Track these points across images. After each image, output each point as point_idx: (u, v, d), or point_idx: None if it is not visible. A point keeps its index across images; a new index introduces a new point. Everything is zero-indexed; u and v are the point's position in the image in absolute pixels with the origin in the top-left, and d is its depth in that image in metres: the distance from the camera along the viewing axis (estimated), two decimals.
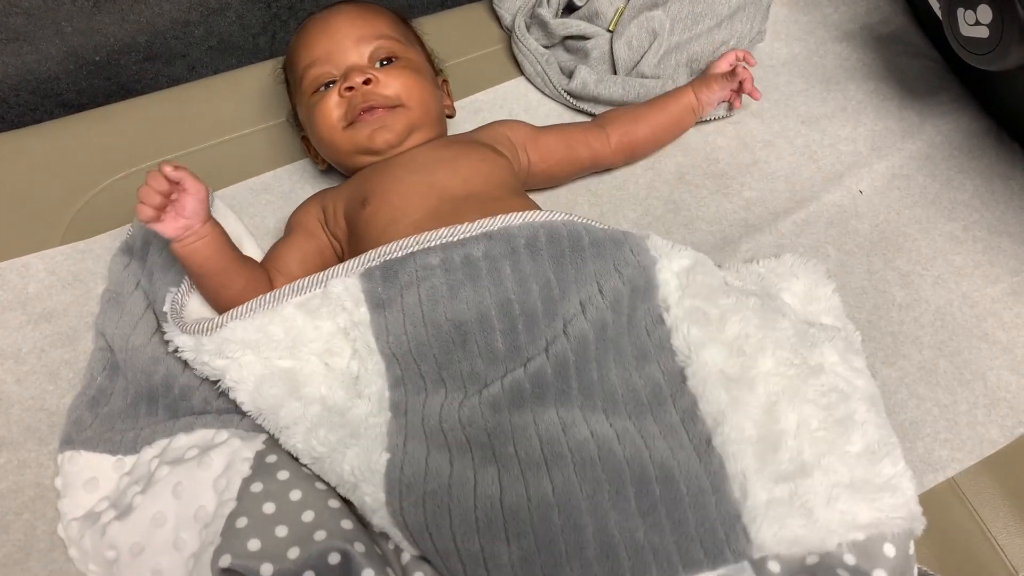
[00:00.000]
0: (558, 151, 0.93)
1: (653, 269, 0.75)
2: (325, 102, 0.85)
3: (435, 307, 0.70)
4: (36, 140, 0.99)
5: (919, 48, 1.11)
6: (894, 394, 0.85)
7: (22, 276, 0.91)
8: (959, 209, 0.98)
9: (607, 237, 0.76)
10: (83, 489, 0.76)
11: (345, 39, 0.87)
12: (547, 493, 0.62)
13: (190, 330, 0.74)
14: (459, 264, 0.72)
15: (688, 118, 0.99)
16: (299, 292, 0.73)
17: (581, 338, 0.70)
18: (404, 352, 0.71)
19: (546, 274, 0.72)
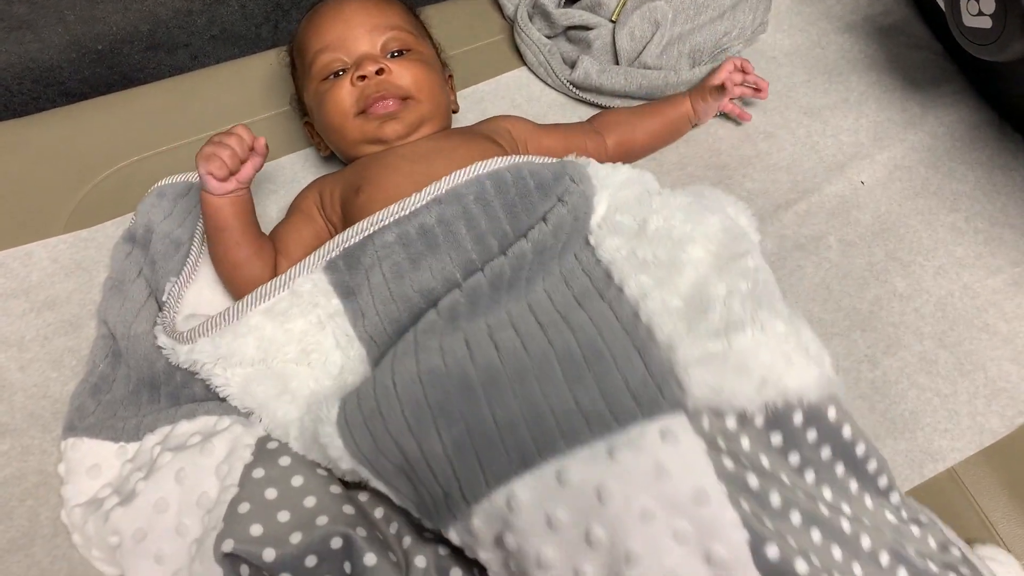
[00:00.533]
0: (555, 151, 0.92)
1: (593, 198, 0.76)
2: (337, 89, 0.85)
3: (401, 282, 0.71)
4: (39, 129, 1.00)
5: (921, 39, 1.11)
6: (895, 384, 0.86)
7: (25, 264, 0.92)
8: (961, 200, 0.98)
9: (550, 174, 0.77)
10: (86, 476, 0.76)
11: (359, 27, 0.87)
12: (472, 379, 0.63)
13: (171, 335, 0.76)
14: (415, 236, 0.73)
15: (684, 126, 1.00)
16: (264, 298, 0.73)
17: (519, 255, 0.71)
18: (380, 332, 0.72)
19: (502, 226, 0.74)
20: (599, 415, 0.61)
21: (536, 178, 0.76)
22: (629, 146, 0.96)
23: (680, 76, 1.00)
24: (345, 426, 0.64)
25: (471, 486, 0.60)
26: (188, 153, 1.00)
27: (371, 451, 0.64)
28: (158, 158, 0.99)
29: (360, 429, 0.64)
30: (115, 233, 0.94)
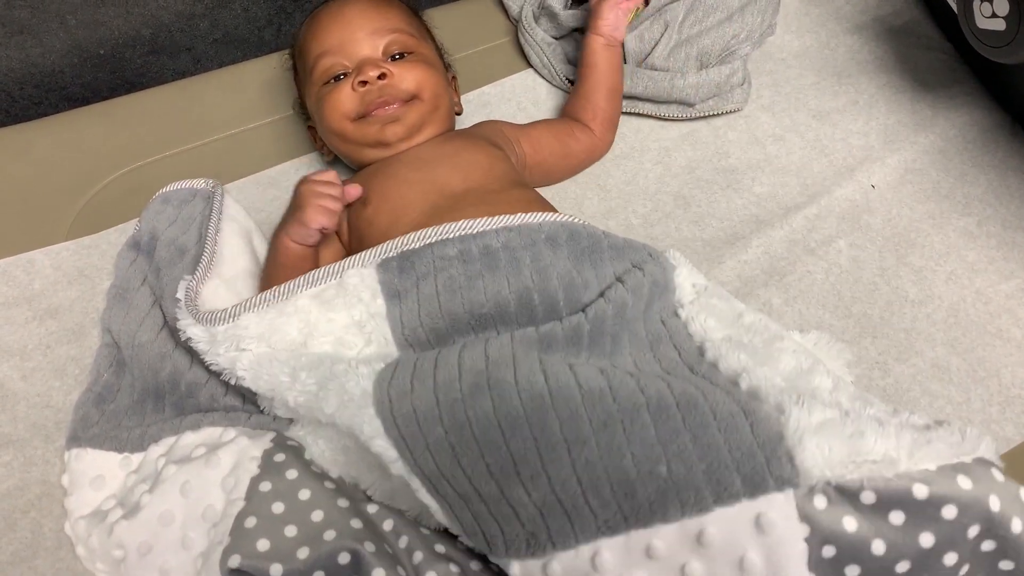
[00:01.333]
0: (547, 141, 0.93)
1: (672, 273, 0.75)
2: (336, 94, 0.85)
3: (453, 297, 0.69)
4: (41, 134, 0.99)
5: (932, 40, 1.10)
6: (907, 391, 0.85)
7: (27, 272, 0.91)
8: (973, 204, 0.97)
9: (625, 243, 0.75)
10: (90, 487, 0.75)
11: (359, 30, 0.86)
12: (552, 427, 0.58)
13: (204, 320, 0.73)
14: (477, 255, 0.71)
15: (612, 52, 0.97)
16: (313, 283, 0.71)
17: (599, 313, 0.68)
18: (422, 343, 0.69)
19: (566, 265, 0.71)
20: (696, 490, 0.55)
21: (610, 239, 0.74)
22: (608, 118, 0.96)
23: (687, 79, 0.99)
24: (403, 444, 0.61)
25: (560, 536, 0.58)
26: (191, 159, 0.99)
27: (435, 475, 0.61)
28: (161, 163, 0.98)
29: (423, 454, 0.61)
30: (118, 240, 0.93)
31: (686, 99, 1.00)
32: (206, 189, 0.91)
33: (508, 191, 0.81)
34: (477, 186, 0.81)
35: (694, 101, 1.01)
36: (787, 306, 0.89)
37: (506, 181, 0.83)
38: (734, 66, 1.00)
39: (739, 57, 1.01)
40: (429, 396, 0.61)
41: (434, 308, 0.69)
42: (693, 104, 1.01)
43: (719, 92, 1.01)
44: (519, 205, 0.79)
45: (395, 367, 0.65)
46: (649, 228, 0.95)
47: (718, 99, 1.01)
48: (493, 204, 0.78)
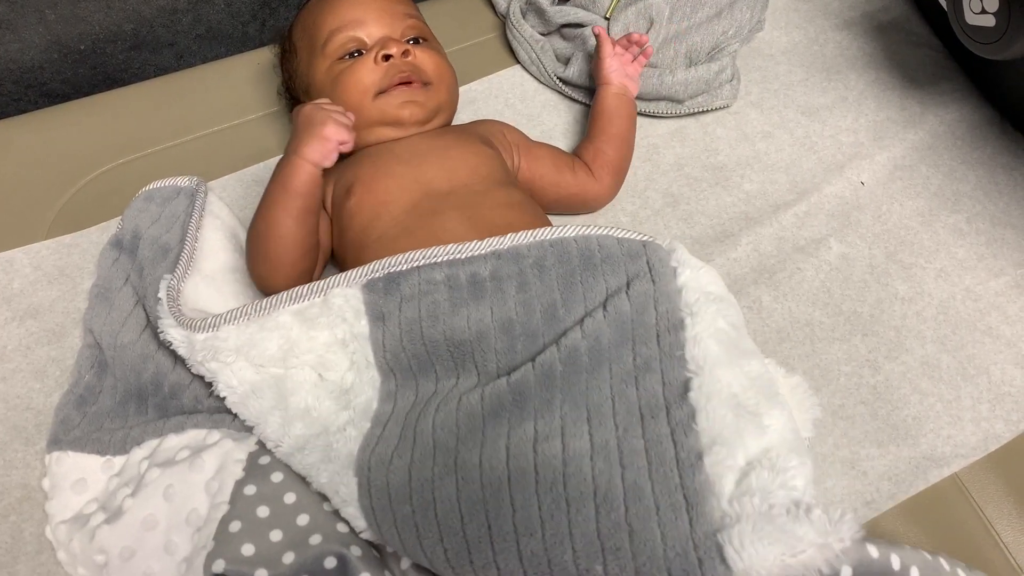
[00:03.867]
0: (544, 168, 0.90)
1: (674, 277, 0.68)
2: (358, 68, 0.83)
3: (434, 324, 0.67)
4: (20, 131, 0.97)
5: (920, 37, 1.09)
6: (897, 389, 0.84)
7: (6, 272, 0.89)
8: (962, 200, 0.96)
9: (623, 251, 0.70)
10: (71, 491, 0.74)
11: (379, 10, 0.86)
12: (507, 518, 0.58)
13: (185, 324, 0.71)
14: (464, 282, 0.68)
15: (624, 102, 0.94)
16: (297, 300, 0.69)
17: (571, 349, 0.64)
18: (403, 368, 0.68)
19: (552, 294, 0.68)
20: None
21: (604, 249, 0.70)
22: (613, 165, 0.92)
23: (676, 76, 0.98)
24: (372, 515, 0.63)
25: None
26: (174, 156, 0.98)
27: (399, 547, 0.62)
28: (143, 161, 0.97)
29: (390, 530, 0.62)
30: (100, 239, 0.91)
31: (675, 96, 1.00)
32: (190, 186, 0.90)
33: (493, 192, 0.80)
34: (461, 186, 0.80)
35: (683, 98, 1.00)
36: (777, 303, 0.89)
37: (491, 181, 0.82)
38: (723, 63, 0.99)
39: (728, 54, 1.00)
40: (403, 473, 0.62)
41: (416, 334, 0.67)
42: (682, 101, 1.00)
43: (708, 89, 1.00)
44: (502, 208, 0.79)
45: (381, 433, 0.65)
46: (638, 226, 0.94)
47: (707, 96, 1.01)
48: (475, 208, 0.77)
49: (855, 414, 0.83)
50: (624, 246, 0.70)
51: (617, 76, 0.93)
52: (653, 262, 0.69)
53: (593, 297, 0.68)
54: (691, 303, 0.66)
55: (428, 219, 0.77)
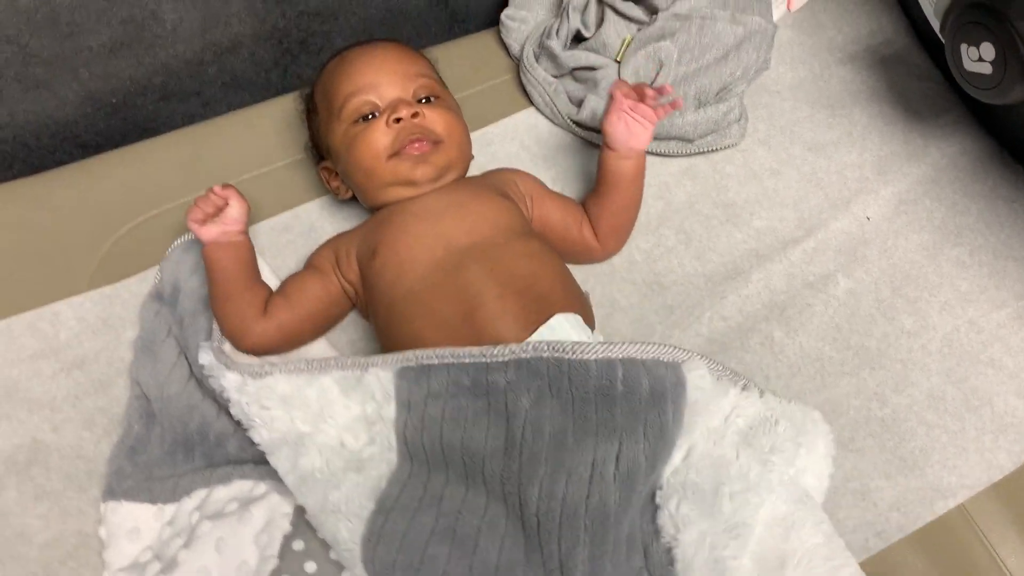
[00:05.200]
0: (554, 221, 0.93)
1: (676, 443, 0.71)
2: (371, 131, 0.87)
3: (454, 430, 0.70)
4: (58, 185, 1.01)
5: (922, 69, 1.13)
6: (904, 422, 0.88)
7: (52, 324, 0.93)
8: (964, 233, 1.00)
9: (647, 388, 0.69)
10: (126, 539, 0.79)
11: (391, 72, 0.89)
12: None
13: (240, 370, 0.78)
14: (485, 390, 0.71)
15: (628, 166, 0.91)
16: (341, 367, 0.75)
17: (572, 514, 0.66)
18: (420, 460, 0.72)
19: (564, 421, 0.69)
20: None
21: (628, 382, 0.69)
22: (616, 228, 0.95)
23: (685, 117, 1.02)
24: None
25: None
26: None
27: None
28: (176, 211, 1.01)
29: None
30: (139, 289, 0.96)
31: (685, 136, 1.03)
32: None
33: (512, 243, 0.84)
34: (481, 239, 0.83)
35: (693, 137, 1.04)
36: (788, 339, 0.93)
37: (510, 232, 0.85)
38: (731, 103, 1.03)
39: (735, 94, 1.04)
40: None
41: (435, 434, 0.70)
42: (692, 140, 1.04)
43: (717, 128, 1.04)
44: (523, 259, 0.82)
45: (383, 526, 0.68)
46: (652, 263, 0.98)
47: (716, 135, 1.04)
48: (497, 260, 0.81)
49: (864, 446, 0.87)
50: (652, 380, 0.70)
51: (621, 141, 0.90)
52: (676, 414, 0.70)
53: (604, 435, 0.68)
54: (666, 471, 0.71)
55: (452, 274, 0.81)
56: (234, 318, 0.84)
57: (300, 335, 0.88)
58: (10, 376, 0.90)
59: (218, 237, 0.84)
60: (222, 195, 0.85)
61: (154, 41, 1.03)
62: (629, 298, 0.96)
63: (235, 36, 1.08)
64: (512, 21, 1.13)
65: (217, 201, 0.85)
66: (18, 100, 1.01)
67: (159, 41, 1.03)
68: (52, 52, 0.97)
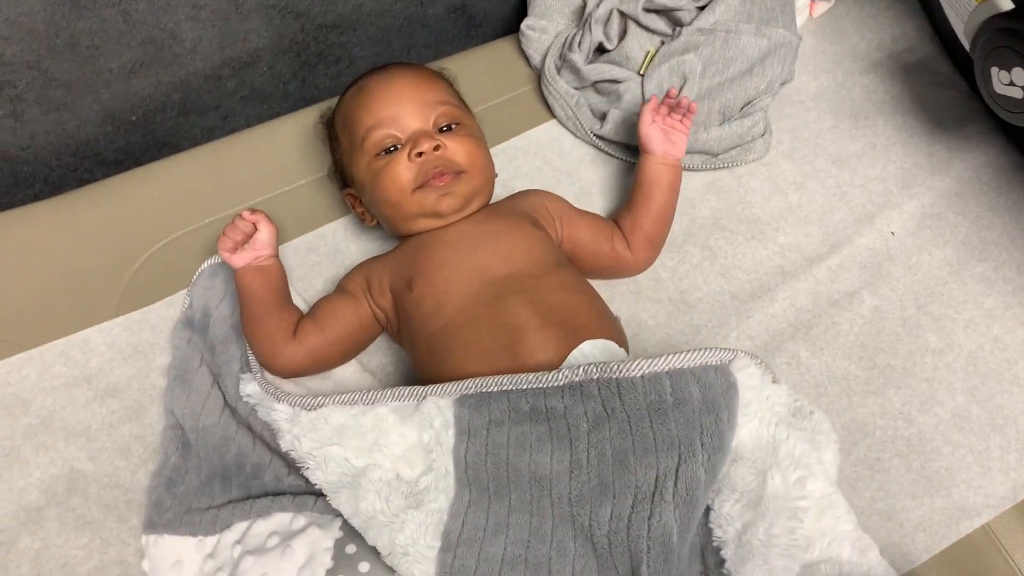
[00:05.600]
0: (584, 239, 0.93)
1: (732, 446, 0.72)
2: (394, 166, 0.87)
3: (521, 454, 0.71)
4: (81, 206, 1.00)
5: (946, 77, 1.12)
6: (930, 442, 0.89)
7: (83, 351, 0.94)
8: (989, 249, 1.00)
9: (699, 396, 0.71)
10: (170, 572, 0.80)
11: (410, 103, 0.89)
12: None
13: (291, 403, 0.79)
14: (545, 415, 0.72)
15: (666, 173, 0.95)
16: (397, 398, 0.76)
17: (637, 536, 0.68)
18: (481, 487, 0.72)
19: (623, 441, 0.70)
20: None
21: (678, 393, 0.71)
22: (649, 238, 0.95)
23: (710, 133, 1.02)
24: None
25: None
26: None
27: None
28: (200, 232, 1.01)
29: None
30: (167, 313, 0.96)
31: (709, 150, 1.03)
32: None
33: (549, 275, 0.84)
34: (518, 271, 0.84)
35: (717, 152, 1.04)
36: (814, 358, 0.94)
37: (545, 264, 0.86)
38: (755, 118, 1.03)
39: (760, 108, 1.03)
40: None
41: (501, 459, 0.72)
42: (716, 154, 1.04)
43: (741, 143, 1.04)
44: (560, 291, 0.83)
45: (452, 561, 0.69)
46: (678, 281, 0.98)
47: (740, 150, 1.04)
48: (535, 291, 0.82)
49: (891, 467, 0.88)
50: (704, 389, 0.71)
51: (658, 144, 0.95)
52: (731, 419, 0.71)
53: (663, 446, 0.69)
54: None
55: (492, 306, 0.81)
56: (264, 341, 0.85)
57: (329, 359, 0.89)
58: (44, 405, 0.91)
59: (249, 263, 0.86)
60: (250, 220, 0.87)
61: (173, 60, 1.02)
62: (655, 317, 0.96)
63: (254, 51, 1.07)
64: (532, 31, 1.12)
65: (245, 227, 0.87)
66: (39, 122, 1.00)
67: (178, 59, 1.03)
68: (72, 75, 0.97)
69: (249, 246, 0.86)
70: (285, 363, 0.85)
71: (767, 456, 0.72)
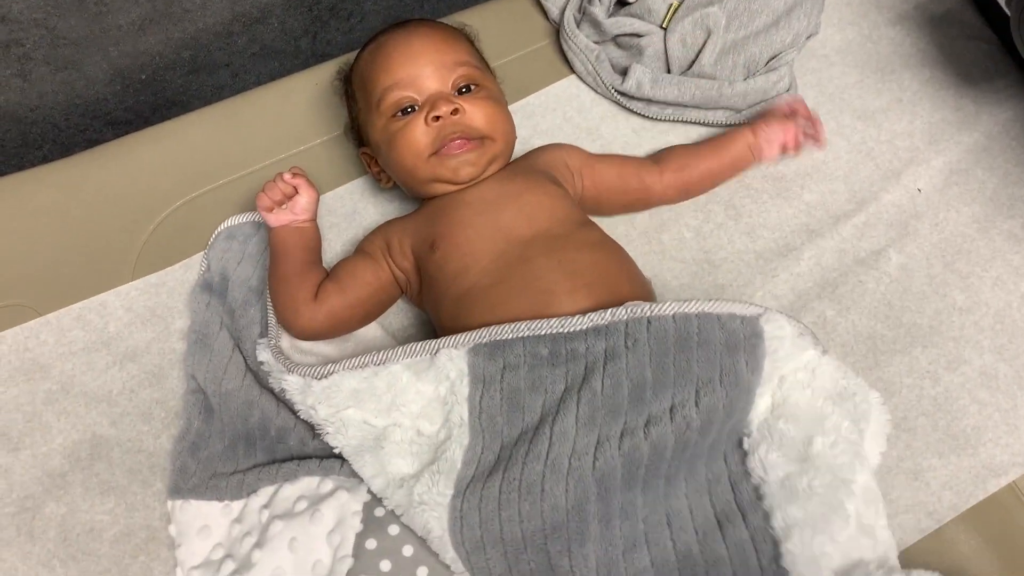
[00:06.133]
0: (609, 179, 0.93)
1: (755, 389, 0.74)
2: (411, 129, 0.85)
3: (535, 396, 0.72)
4: (92, 168, 0.99)
5: (974, 29, 1.09)
6: (956, 400, 0.89)
7: (101, 315, 0.93)
8: (1017, 205, 0.99)
9: (721, 339, 0.73)
10: (197, 537, 0.80)
11: (428, 64, 0.86)
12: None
13: (301, 373, 0.78)
14: (564, 358, 0.73)
15: (746, 157, 0.97)
16: (409, 355, 0.75)
17: (659, 445, 0.69)
18: (495, 431, 0.72)
19: (642, 372, 0.71)
20: None
21: (703, 333, 0.72)
22: (686, 179, 0.95)
23: (735, 87, 0.99)
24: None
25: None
26: (243, 187, 1.00)
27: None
28: (214, 193, 0.99)
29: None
30: (185, 276, 0.95)
31: (733, 106, 1.01)
32: None
33: (574, 234, 0.83)
34: (543, 230, 0.83)
35: (741, 107, 1.01)
36: (840, 317, 0.93)
37: (569, 223, 0.84)
38: (780, 72, 1.00)
39: (785, 63, 1.01)
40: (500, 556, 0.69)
41: (517, 402, 0.72)
42: (740, 110, 1.02)
43: (766, 98, 1.01)
44: (586, 250, 0.82)
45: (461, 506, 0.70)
46: (702, 241, 0.97)
47: (765, 105, 1.02)
48: (561, 251, 0.81)
49: (917, 426, 0.88)
50: (725, 332, 0.73)
51: (764, 137, 0.95)
52: (751, 363, 0.73)
53: (683, 382, 0.71)
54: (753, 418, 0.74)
55: (519, 266, 0.80)
56: (288, 300, 0.84)
57: (349, 321, 0.88)
58: (64, 370, 0.90)
59: (287, 223, 0.87)
60: (291, 183, 0.86)
61: (183, 16, 1.00)
62: (680, 278, 0.95)
63: (264, 6, 1.05)
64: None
65: (286, 189, 0.86)
66: (47, 81, 0.98)
67: (188, 16, 1.00)
68: (81, 33, 0.95)
69: (288, 208, 0.86)
70: (304, 325, 0.84)
71: (814, 423, 0.72)
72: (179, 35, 1.01)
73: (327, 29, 1.13)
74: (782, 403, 0.74)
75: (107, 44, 0.97)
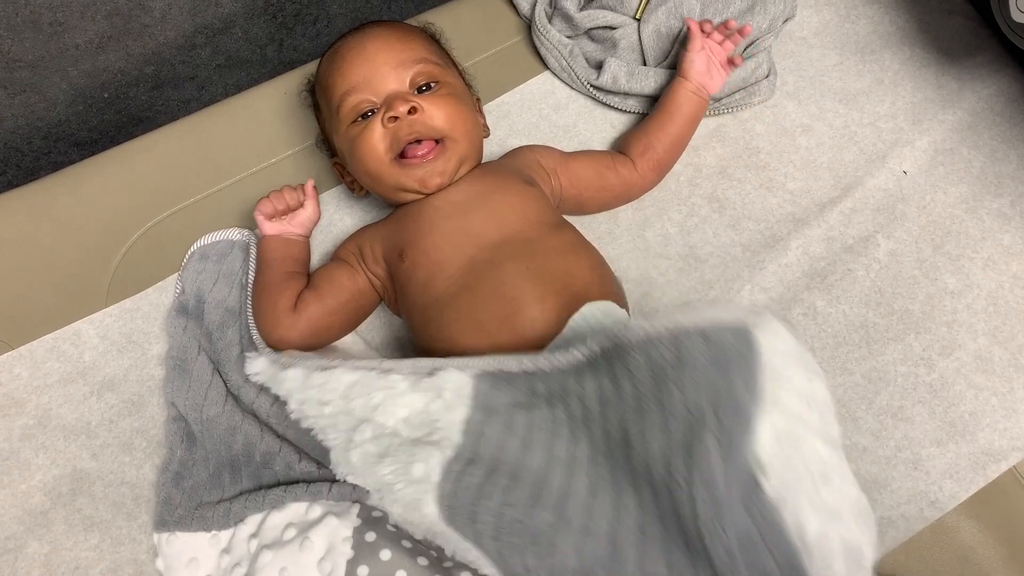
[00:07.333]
0: (587, 177, 0.91)
1: (756, 420, 0.57)
2: (369, 134, 0.82)
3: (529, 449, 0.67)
4: (59, 192, 0.96)
5: (953, 4, 1.07)
6: (952, 386, 0.88)
7: (75, 345, 0.91)
8: (1005, 183, 0.97)
9: (704, 363, 0.59)
10: (185, 570, 0.78)
11: (384, 64, 0.84)
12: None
13: (304, 365, 0.76)
14: (559, 397, 0.68)
15: (697, 104, 0.93)
16: (414, 369, 0.73)
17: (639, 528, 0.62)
18: (491, 457, 0.68)
19: (625, 417, 0.63)
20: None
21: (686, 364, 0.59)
22: (657, 162, 0.93)
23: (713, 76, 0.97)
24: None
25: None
26: (213, 205, 0.97)
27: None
28: (185, 213, 0.96)
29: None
30: (159, 300, 0.93)
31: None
32: (242, 239, 0.92)
33: (546, 237, 0.81)
34: (513, 234, 0.80)
35: (720, 97, 0.99)
36: (831, 307, 0.91)
37: (542, 225, 0.82)
38: (759, 59, 0.98)
39: (763, 49, 0.99)
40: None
41: (525, 441, 0.67)
42: (719, 99, 1.00)
43: (744, 85, 0.99)
44: (558, 255, 0.79)
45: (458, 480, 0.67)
46: (687, 236, 0.95)
47: (744, 93, 1.00)
48: (532, 256, 0.78)
49: (914, 414, 0.86)
50: (715, 349, 0.59)
51: (697, 74, 0.93)
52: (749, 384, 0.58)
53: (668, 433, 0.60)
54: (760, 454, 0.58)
55: (487, 273, 0.78)
56: (267, 309, 0.84)
57: (329, 329, 0.86)
58: (40, 404, 0.88)
59: (280, 234, 0.88)
60: (298, 200, 0.89)
61: (142, 31, 0.97)
62: (666, 274, 0.93)
63: (227, 16, 1.02)
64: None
65: (291, 202, 0.89)
66: (5, 106, 0.95)
67: (147, 30, 0.97)
68: (37, 54, 0.92)
69: (287, 219, 0.88)
70: (283, 333, 0.83)
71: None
72: (140, 50, 0.98)
73: (293, 35, 1.10)
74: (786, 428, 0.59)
75: (65, 64, 0.94)
